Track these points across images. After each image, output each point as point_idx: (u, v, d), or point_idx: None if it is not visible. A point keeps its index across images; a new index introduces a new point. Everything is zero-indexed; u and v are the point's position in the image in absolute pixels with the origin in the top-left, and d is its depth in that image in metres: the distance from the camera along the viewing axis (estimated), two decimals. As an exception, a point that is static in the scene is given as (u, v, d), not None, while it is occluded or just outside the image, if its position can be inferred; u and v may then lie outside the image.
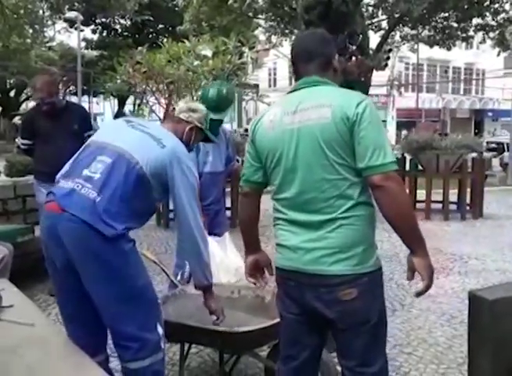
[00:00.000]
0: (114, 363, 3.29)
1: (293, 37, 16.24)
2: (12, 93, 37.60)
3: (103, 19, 33.89)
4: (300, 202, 1.96)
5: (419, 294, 1.94)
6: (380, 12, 17.69)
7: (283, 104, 2.05)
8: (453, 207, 8.55)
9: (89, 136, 4.86)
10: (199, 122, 2.72)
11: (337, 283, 1.90)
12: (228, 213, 7.70)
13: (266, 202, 2.23)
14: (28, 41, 18.96)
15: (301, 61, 2.07)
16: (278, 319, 2.57)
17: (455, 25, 17.68)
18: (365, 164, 1.85)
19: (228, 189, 7.68)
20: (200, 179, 3.80)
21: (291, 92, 2.08)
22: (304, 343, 2.08)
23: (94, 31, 35.12)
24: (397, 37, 19.60)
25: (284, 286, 2.07)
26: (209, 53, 9.52)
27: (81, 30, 29.07)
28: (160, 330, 2.35)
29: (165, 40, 10.36)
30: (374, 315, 1.99)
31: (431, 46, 19.60)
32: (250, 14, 17.47)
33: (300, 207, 1.96)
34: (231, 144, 4.24)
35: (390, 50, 16.54)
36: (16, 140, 24.47)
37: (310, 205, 1.94)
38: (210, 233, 4.03)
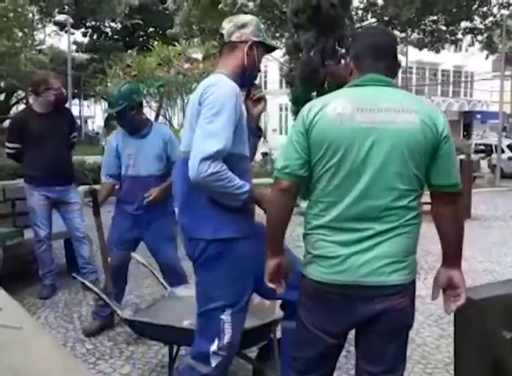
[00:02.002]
0: (103, 366, 3.30)
1: (284, 40, 16.29)
2: (1, 97, 37.38)
3: (93, 23, 33.83)
4: (358, 209, 1.81)
5: (459, 309, 1.94)
6: (369, 16, 17.80)
7: (352, 98, 1.84)
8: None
9: (75, 137, 4.89)
10: (255, 36, 2.29)
11: (392, 292, 1.83)
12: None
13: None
14: (18, 44, 18.83)
15: (370, 56, 1.90)
16: (267, 320, 2.59)
17: (443, 28, 17.83)
18: (448, 181, 1.85)
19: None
20: (124, 183, 3.77)
21: (354, 86, 1.90)
22: (325, 359, 2.00)
23: (84, 34, 35.06)
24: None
25: (323, 300, 1.89)
26: (199, 56, 9.54)
27: (72, 34, 29.00)
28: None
29: (156, 43, 10.36)
30: (412, 321, 1.99)
31: (420, 49, 19.73)
32: (241, 17, 17.50)
33: (356, 215, 1.81)
34: (172, 147, 3.76)
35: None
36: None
37: (370, 213, 1.80)
38: (151, 248, 3.81)
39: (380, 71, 1.89)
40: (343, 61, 10.68)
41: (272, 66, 36.47)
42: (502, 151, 17.38)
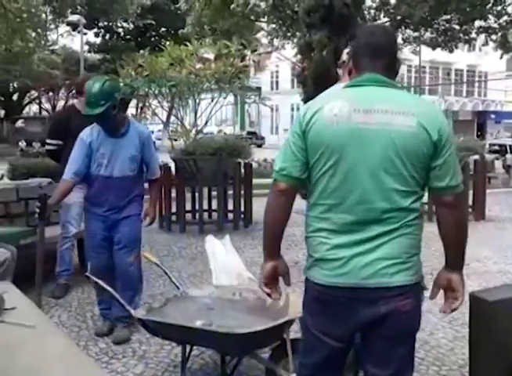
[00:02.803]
0: (116, 365, 3.31)
1: (295, 40, 16.27)
2: (14, 97, 37.73)
3: (106, 23, 33.99)
4: (359, 211, 1.78)
5: (453, 310, 1.93)
6: (381, 15, 17.73)
7: (349, 99, 1.82)
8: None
9: None
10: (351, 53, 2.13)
11: (396, 294, 1.80)
12: (230, 216, 7.75)
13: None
14: (31, 44, 19.01)
15: (367, 55, 1.88)
16: (279, 321, 2.58)
17: (457, 27, 17.72)
18: (446, 183, 1.81)
19: (230, 192, 7.70)
20: (95, 182, 3.60)
21: (352, 86, 1.88)
22: (332, 364, 1.96)
23: (97, 35, 35.25)
24: (399, 40, 19.63)
25: (327, 303, 1.85)
26: (211, 56, 9.57)
27: (84, 34, 29.15)
28: None
29: (167, 43, 10.39)
30: (419, 324, 1.96)
31: (434, 48, 19.62)
32: (253, 17, 17.53)
33: (356, 216, 1.79)
34: (148, 148, 3.72)
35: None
36: (19, 143, 24.33)
37: (371, 215, 1.78)
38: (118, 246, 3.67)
39: (378, 70, 1.86)
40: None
41: (284, 66, 36.46)
42: (517, 151, 17.22)
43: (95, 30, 34.62)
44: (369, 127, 1.77)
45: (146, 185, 3.96)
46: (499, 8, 16.64)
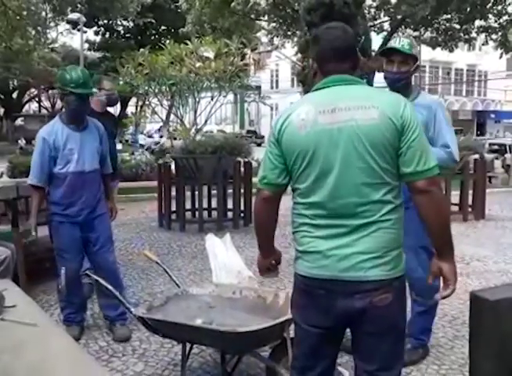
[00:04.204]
0: (116, 363, 3.31)
1: (296, 38, 16.25)
2: (14, 95, 37.68)
3: (106, 21, 33.91)
4: (333, 206, 1.85)
5: (444, 298, 1.96)
6: (382, 14, 17.70)
7: (315, 102, 1.90)
8: (455, 208, 8.54)
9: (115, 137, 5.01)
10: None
11: (372, 288, 1.84)
12: (230, 214, 7.75)
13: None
14: (31, 42, 18.98)
15: (333, 59, 1.93)
16: (280, 320, 2.58)
17: (457, 27, 17.68)
18: (413, 169, 1.83)
19: (230, 191, 7.70)
20: (65, 181, 3.48)
21: (318, 89, 1.94)
22: (322, 355, 2.01)
23: (96, 33, 35.17)
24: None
25: (310, 295, 1.93)
26: (211, 55, 9.54)
27: (84, 32, 29.10)
28: None
29: (167, 42, 10.38)
30: (403, 319, 2.00)
31: (434, 48, 19.58)
32: (253, 16, 17.51)
33: (332, 212, 1.85)
34: (104, 141, 3.73)
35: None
36: (19, 141, 24.31)
37: (345, 209, 1.84)
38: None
39: (343, 71, 1.92)
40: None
41: (284, 65, 36.45)
42: (516, 151, 17.22)
43: (95, 28, 34.54)
44: (336, 126, 1.83)
45: None
46: (500, 7, 16.62)
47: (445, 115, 3.11)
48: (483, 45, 19.10)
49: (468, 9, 16.06)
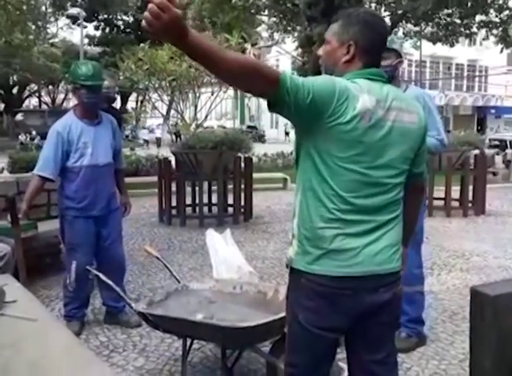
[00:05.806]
0: (116, 358, 3.31)
1: (296, 33, 16.20)
2: (14, 90, 37.64)
3: (106, 16, 33.89)
4: (364, 203, 1.81)
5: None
6: (382, 9, 17.65)
7: (373, 93, 1.77)
8: (455, 204, 8.55)
9: None
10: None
11: (394, 280, 1.89)
12: (230, 210, 7.76)
13: (269, 199, 2.21)
14: (31, 37, 18.93)
15: (381, 51, 1.89)
16: (280, 315, 2.58)
17: (458, 22, 17.65)
18: (422, 169, 1.99)
19: (230, 186, 7.70)
20: (79, 175, 3.48)
21: (365, 78, 1.79)
22: (326, 359, 1.97)
23: (96, 28, 35.15)
24: (400, 34, 19.57)
25: (329, 297, 1.82)
26: (212, 50, 9.51)
27: (84, 27, 29.07)
28: None
29: (168, 36, 10.33)
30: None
31: (434, 43, 19.55)
32: (253, 11, 17.47)
33: (363, 208, 1.81)
34: (118, 135, 3.75)
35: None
36: (19, 137, 24.40)
37: (378, 205, 1.83)
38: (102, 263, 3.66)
39: (376, 65, 1.86)
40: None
41: (285, 60, 36.34)
42: (517, 146, 17.20)
43: (95, 23, 34.53)
44: (390, 123, 1.79)
45: None
46: (501, 2, 16.58)
47: (433, 105, 3.53)
48: (484, 39, 19.04)
49: (469, 4, 16.02)
